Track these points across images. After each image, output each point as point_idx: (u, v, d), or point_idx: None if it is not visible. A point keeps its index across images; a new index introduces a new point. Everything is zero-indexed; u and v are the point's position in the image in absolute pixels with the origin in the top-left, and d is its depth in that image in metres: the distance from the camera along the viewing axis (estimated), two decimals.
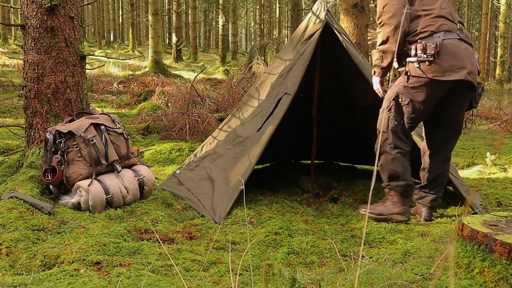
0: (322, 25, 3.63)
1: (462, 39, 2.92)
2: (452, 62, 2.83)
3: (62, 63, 3.47)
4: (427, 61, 2.82)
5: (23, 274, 2.17)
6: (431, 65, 2.82)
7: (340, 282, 1.98)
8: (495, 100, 11.99)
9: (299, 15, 13.89)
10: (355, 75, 3.70)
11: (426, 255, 2.30)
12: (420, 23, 2.90)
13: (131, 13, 22.94)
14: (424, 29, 2.88)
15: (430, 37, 2.85)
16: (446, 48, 2.83)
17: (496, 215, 2.21)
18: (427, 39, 2.84)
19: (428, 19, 2.90)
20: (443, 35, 2.86)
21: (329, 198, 3.76)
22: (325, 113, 4.22)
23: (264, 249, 2.64)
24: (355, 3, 7.12)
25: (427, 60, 2.82)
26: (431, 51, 2.80)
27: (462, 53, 2.87)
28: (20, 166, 3.47)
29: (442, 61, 2.82)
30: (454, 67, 2.83)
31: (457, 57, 2.85)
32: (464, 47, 2.90)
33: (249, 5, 48.66)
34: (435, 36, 2.85)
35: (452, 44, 2.86)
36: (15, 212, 2.68)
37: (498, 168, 4.67)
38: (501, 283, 1.82)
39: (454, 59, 2.84)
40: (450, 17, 2.96)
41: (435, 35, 2.85)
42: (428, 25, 2.88)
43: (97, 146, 3.16)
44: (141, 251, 2.40)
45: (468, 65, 2.87)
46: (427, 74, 2.84)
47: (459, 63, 2.84)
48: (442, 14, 2.93)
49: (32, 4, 3.40)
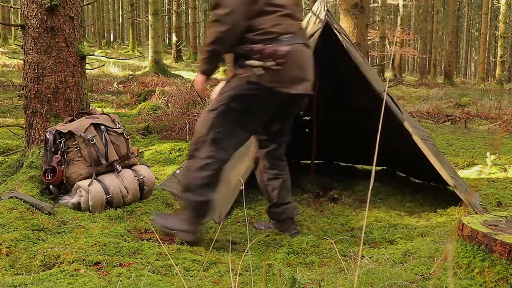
0: (322, 25, 3.63)
1: (305, 44, 2.63)
2: (297, 73, 2.52)
3: (62, 63, 3.47)
4: (272, 69, 2.43)
5: (23, 274, 2.17)
6: (276, 74, 2.45)
7: (340, 282, 1.99)
8: (495, 100, 11.99)
9: None
10: (355, 75, 3.70)
11: (426, 255, 2.30)
12: (265, 20, 2.49)
13: (131, 13, 22.95)
14: (271, 29, 2.48)
15: (277, 40, 2.47)
16: (292, 56, 2.48)
17: (496, 215, 2.21)
18: (274, 42, 2.46)
19: (275, 17, 2.51)
20: (291, 39, 2.50)
21: (329, 198, 3.76)
22: (325, 114, 4.22)
23: (264, 249, 2.64)
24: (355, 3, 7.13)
25: (272, 68, 2.43)
26: (278, 58, 2.42)
27: (306, 61, 2.58)
28: (20, 166, 3.47)
29: (287, 71, 2.47)
30: (299, 79, 2.53)
31: (302, 67, 2.55)
32: (307, 54, 2.62)
33: None
34: (282, 40, 2.47)
35: (299, 51, 2.54)
36: (15, 212, 2.68)
37: (498, 168, 4.67)
38: (501, 283, 1.82)
39: (299, 69, 2.53)
40: (296, 15, 2.64)
41: (283, 37, 2.48)
42: (274, 24, 2.49)
43: (97, 146, 3.16)
44: (141, 251, 2.40)
45: (310, 75, 2.61)
46: (270, 82, 2.46)
47: (303, 74, 2.55)
48: (289, 12, 2.57)
49: (32, 4, 3.40)
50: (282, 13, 2.53)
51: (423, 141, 3.46)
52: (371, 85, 3.58)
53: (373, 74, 3.71)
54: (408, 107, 10.49)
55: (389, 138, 3.39)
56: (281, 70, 2.45)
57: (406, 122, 3.53)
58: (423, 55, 25.49)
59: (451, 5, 23.22)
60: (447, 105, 11.51)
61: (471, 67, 47.96)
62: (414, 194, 3.89)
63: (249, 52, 2.46)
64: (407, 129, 3.49)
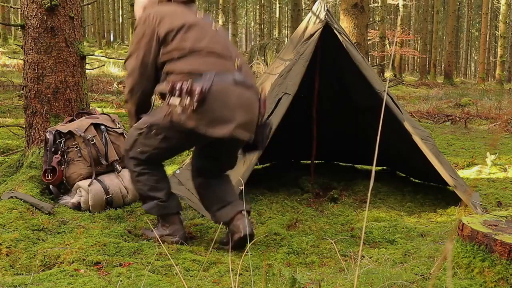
0: (322, 25, 3.63)
1: (238, 83, 2.42)
2: (219, 113, 2.35)
3: (62, 63, 3.47)
4: (190, 108, 2.31)
5: (23, 274, 2.17)
6: (194, 114, 2.32)
7: (340, 282, 1.99)
8: (495, 100, 11.99)
9: (299, 15, 13.89)
10: (355, 75, 3.70)
11: (426, 255, 2.30)
12: (186, 62, 2.40)
13: (131, 13, 22.95)
14: (191, 70, 2.38)
15: (198, 78, 2.35)
16: (214, 95, 2.33)
17: (496, 215, 2.21)
18: (195, 81, 2.33)
19: (196, 57, 2.41)
20: (215, 77, 2.35)
21: (329, 198, 3.76)
22: (325, 113, 4.22)
23: (264, 249, 2.64)
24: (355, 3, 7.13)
25: (190, 107, 2.31)
26: (196, 97, 2.29)
27: (233, 101, 2.37)
28: (20, 166, 3.47)
29: (207, 111, 2.33)
30: (221, 119, 2.35)
31: (227, 107, 2.36)
32: (238, 94, 2.40)
33: (249, 5, 48.67)
34: (204, 79, 2.34)
35: (223, 89, 2.36)
36: (15, 212, 2.68)
37: (498, 168, 4.67)
38: (501, 283, 1.82)
39: (222, 108, 2.35)
40: (226, 53, 2.48)
41: (205, 76, 2.35)
42: (195, 65, 2.39)
43: (97, 146, 3.16)
44: (141, 251, 2.41)
45: (239, 117, 2.38)
46: (189, 122, 2.34)
47: (227, 115, 2.36)
48: (214, 50, 2.44)
49: (32, 4, 3.41)
50: (204, 51, 2.43)
51: (423, 141, 3.46)
52: (371, 85, 3.58)
53: (373, 74, 3.71)
54: (408, 107, 10.49)
55: (389, 138, 3.39)
56: (201, 111, 2.31)
57: (406, 122, 3.53)
58: (423, 55, 25.49)
59: (451, 5, 23.22)
60: (447, 105, 11.51)
61: (471, 67, 47.96)
62: (414, 194, 3.89)
63: (171, 90, 2.36)
64: (407, 129, 3.49)
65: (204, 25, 2.55)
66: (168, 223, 2.61)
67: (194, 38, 2.45)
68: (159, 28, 2.46)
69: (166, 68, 2.46)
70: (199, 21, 2.56)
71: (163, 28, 2.45)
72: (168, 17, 2.49)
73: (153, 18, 2.49)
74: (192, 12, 2.61)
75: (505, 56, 21.88)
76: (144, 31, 2.49)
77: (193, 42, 2.44)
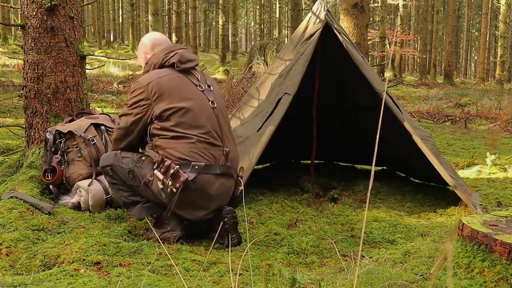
0: (322, 25, 3.63)
1: (221, 174, 2.56)
2: (194, 201, 2.53)
3: (62, 63, 3.47)
4: (170, 190, 2.45)
5: (23, 274, 2.18)
6: (172, 195, 2.47)
7: (340, 282, 1.99)
8: (495, 100, 11.98)
9: (299, 15, 13.90)
10: (355, 75, 3.70)
11: (426, 255, 2.30)
12: (177, 145, 2.50)
13: (131, 13, 22.95)
14: (182, 155, 2.48)
15: (186, 165, 2.47)
16: (196, 185, 2.48)
17: (496, 215, 2.21)
18: (182, 167, 2.46)
19: (187, 143, 2.50)
20: (202, 169, 2.49)
21: (329, 198, 3.76)
22: (325, 113, 4.22)
23: (264, 249, 2.64)
24: (355, 3, 7.13)
25: (170, 189, 2.45)
26: (177, 184, 2.43)
27: (212, 192, 2.53)
28: (20, 166, 3.47)
29: (184, 198, 2.47)
30: (194, 207, 2.55)
31: (204, 197, 2.53)
32: (219, 185, 2.55)
33: (249, 5, 48.66)
34: (192, 167, 2.47)
35: (206, 181, 2.50)
36: (15, 212, 2.68)
37: (498, 168, 4.67)
38: (501, 283, 1.82)
39: (199, 198, 2.52)
40: (217, 141, 2.59)
41: (193, 164, 2.47)
42: (186, 151, 2.49)
43: (97, 146, 3.16)
44: (141, 251, 2.41)
45: (213, 205, 2.56)
46: (165, 199, 2.51)
47: (201, 203, 2.54)
48: (208, 138, 2.55)
49: (32, 4, 3.41)
50: (197, 139, 2.52)
51: (423, 141, 3.46)
52: (371, 85, 3.58)
53: (373, 74, 3.71)
54: (408, 107, 10.48)
55: (389, 138, 3.39)
56: (179, 195, 2.45)
57: (406, 122, 3.53)
58: (423, 55, 25.49)
59: (451, 5, 23.22)
60: (447, 105, 11.51)
61: (471, 67, 47.95)
62: (414, 194, 3.89)
63: (160, 162, 2.48)
64: (407, 129, 3.49)
65: (202, 104, 2.62)
66: (166, 219, 2.63)
67: (189, 123, 2.53)
68: (155, 104, 2.54)
69: (158, 142, 2.55)
70: (197, 98, 2.62)
71: (160, 106, 2.53)
72: (166, 95, 2.56)
73: (151, 91, 2.56)
74: (192, 83, 2.65)
75: (505, 56, 21.88)
76: (140, 99, 2.58)
77: (187, 127, 2.53)
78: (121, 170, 2.65)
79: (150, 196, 2.61)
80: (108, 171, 2.72)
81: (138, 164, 2.61)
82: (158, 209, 2.65)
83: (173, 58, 2.65)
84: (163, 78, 2.60)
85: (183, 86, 2.62)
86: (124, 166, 2.64)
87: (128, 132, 2.67)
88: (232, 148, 2.69)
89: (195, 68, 2.74)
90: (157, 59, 2.69)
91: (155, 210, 2.66)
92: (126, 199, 2.69)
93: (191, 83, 2.65)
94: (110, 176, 2.72)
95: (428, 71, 27.56)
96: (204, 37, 41.80)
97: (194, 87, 2.65)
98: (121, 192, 2.70)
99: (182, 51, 2.69)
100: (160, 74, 2.61)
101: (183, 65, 2.65)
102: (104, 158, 2.79)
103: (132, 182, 2.63)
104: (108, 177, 2.75)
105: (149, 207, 2.66)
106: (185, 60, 2.66)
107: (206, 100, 2.65)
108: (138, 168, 2.60)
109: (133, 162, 2.62)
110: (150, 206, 2.66)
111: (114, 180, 2.71)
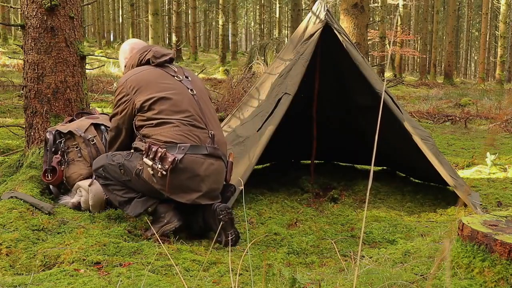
0: (322, 25, 3.63)
1: (209, 154, 2.62)
2: (185, 182, 2.56)
3: (62, 63, 3.47)
4: (160, 173, 2.51)
5: (23, 274, 2.17)
6: (162, 179, 2.52)
7: (340, 282, 1.99)
8: (495, 100, 11.98)
9: (299, 15, 13.90)
10: (355, 75, 3.70)
11: (426, 255, 2.30)
12: (162, 130, 2.58)
13: (131, 13, 22.94)
14: (167, 138, 2.56)
15: (173, 148, 2.54)
16: (184, 165, 2.53)
17: (496, 215, 2.21)
18: (169, 149, 2.53)
19: (172, 127, 2.58)
20: (188, 149, 2.55)
21: (329, 198, 3.76)
22: (325, 113, 4.22)
23: (264, 249, 2.64)
24: (355, 3, 7.13)
25: (160, 172, 2.50)
26: (166, 165, 2.49)
27: (201, 172, 2.58)
28: (20, 166, 3.47)
29: (174, 179, 2.52)
30: (186, 188, 2.57)
31: (194, 178, 2.57)
32: (207, 165, 2.60)
33: (249, 5, 48.68)
34: (178, 148, 2.54)
35: (194, 161, 2.56)
36: (15, 212, 2.68)
37: (498, 168, 4.67)
38: (501, 283, 1.82)
39: (189, 179, 2.56)
40: (201, 124, 2.66)
41: (179, 146, 2.54)
42: (171, 135, 2.57)
43: (97, 146, 3.16)
44: (141, 251, 2.41)
45: (204, 187, 2.59)
46: (157, 184, 2.56)
47: (192, 185, 2.57)
48: (191, 121, 2.62)
49: (32, 4, 3.41)
50: (181, 123, 2.60)
51: (423, 141, 3.46)
52: (371, 85, 3.58)
53: (373, 74, 3.71)
54: (408, 107, 10.48)
55: (389, 138, 3.39)
56: (169, 178, 2.51)
57: (406, 122, 3.53)
58: (423, 55, 25.48)
59: (451, 5, 23.21)
60: (447, 105, 11.51)
61: (471, 67, 47.94)
62: (414, 194, 3.89)
63: (148, 150, 2.56)
64: (407, 129, 3.49)
65: (181, 92, 2.70)
66: (161, 213, 2.67)
67: (171, 110, 2.62)
68: (135, 98, 2.65)
69: (144, 131, 2.65)
70: (176, 87, 2.70)
71: (139, 99, 2.64)
72: (144, 87, 2.66)
73: (130, 86, 2.68)
74: (169, 74, 2.75)
75: (505, 56, 21.87)
76: (122, 97, 2.70)
77: (170, 113, 2.61)
78: (112, 168, 2.71)
79: (143, 186, 2.64)
80: (100, 173, 2.76)
81: (127, 158, 2.68)
82: (152, 202, 2.68)
83: (148, 54, 2.78)
84: (140, 73, 2.72)
85: (160, 77, 2.72)
86: (114, 163, 2.70)
87: (118, 131, 2.78)
88: (217, 132, 2.75)
89: (171, 62, 2.84)
90: (133, 60, 2.83)
91: (149, 203, 2.68)
92: (121, 197, 2.72)
93: (168, 74, 2.75)
94: (103, 178, 2.76)
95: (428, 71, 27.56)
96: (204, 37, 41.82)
97: (172, 78, 2.75)
98: (115, 192, 2.73)
99: (155, 47, 2.83)
100: (137, 71, 2.75)
101: (158, 59, 2.77)
102: (96, 161, 2.85)
103: (124, 177, 2.68)
104: (101, 179, 2.78)
105: (143, 201, 2.69)
106: (159, 55, 2.78)
107: (185, 88, 2.74)
108: (127, 162, 2.66)
109: (122, 157, 2.70)
110: (144, 199, 2.69)
111: (107, 181, 2.74)
